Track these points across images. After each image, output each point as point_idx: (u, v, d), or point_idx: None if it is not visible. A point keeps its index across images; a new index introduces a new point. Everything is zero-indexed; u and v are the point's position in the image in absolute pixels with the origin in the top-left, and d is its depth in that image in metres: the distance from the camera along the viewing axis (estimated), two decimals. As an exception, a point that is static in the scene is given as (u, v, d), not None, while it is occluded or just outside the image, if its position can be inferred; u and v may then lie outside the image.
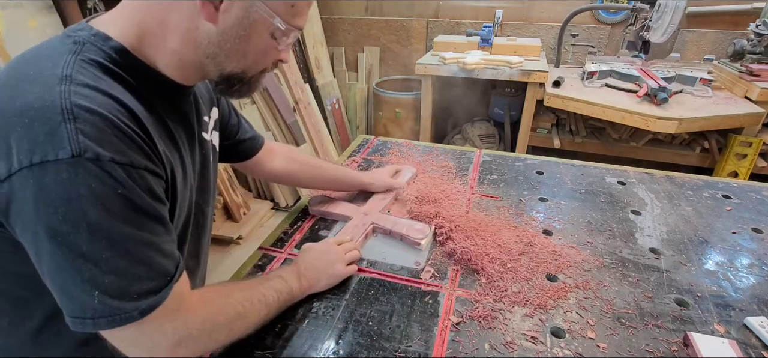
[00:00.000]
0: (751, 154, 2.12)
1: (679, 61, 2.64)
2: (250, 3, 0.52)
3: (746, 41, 2.24)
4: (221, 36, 0.54)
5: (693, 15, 2.61)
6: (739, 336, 0.72)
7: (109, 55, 0.52)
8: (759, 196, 1.16)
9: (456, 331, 0.72)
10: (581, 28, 2.86)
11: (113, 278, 0.47)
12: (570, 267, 0.87)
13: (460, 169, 1.30)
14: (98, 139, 0.45)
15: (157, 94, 0.57)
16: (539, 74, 2.34)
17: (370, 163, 1.35)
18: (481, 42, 2.72)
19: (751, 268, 0.88)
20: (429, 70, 2.58)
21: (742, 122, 2.02)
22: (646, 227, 1.01)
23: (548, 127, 2.58)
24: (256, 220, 2.72)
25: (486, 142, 2.90)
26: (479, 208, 1.09)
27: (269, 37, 0.57)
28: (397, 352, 0.68)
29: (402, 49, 3.36)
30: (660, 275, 0.86)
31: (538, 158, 1.38)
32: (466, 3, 3.08)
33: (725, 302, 0.79)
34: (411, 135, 3.04)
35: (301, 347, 0.70)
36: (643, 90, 2.06)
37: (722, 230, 1.01)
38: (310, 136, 2.85)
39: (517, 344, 0.70)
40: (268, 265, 0.90)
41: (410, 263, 0.89)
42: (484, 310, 0.76)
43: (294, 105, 2.76)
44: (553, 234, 0.98)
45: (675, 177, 1.26)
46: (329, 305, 0.78)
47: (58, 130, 0.43)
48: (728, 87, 2.27)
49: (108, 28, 0.53)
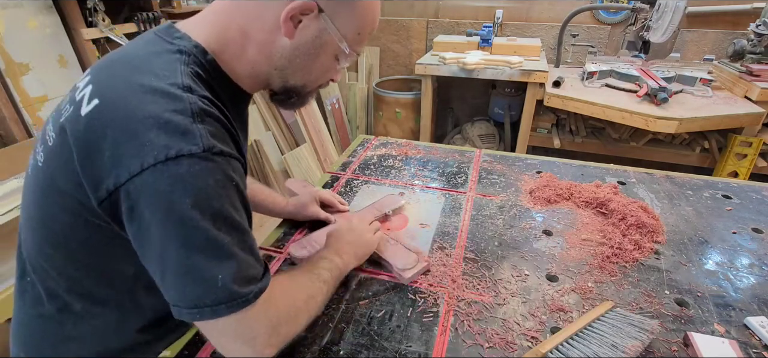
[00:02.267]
0: (751, 154, 2.12)
1: (679, 61, 2.64)
2: (324, 25, 0.58)
3: (746, 41, 2.24)
4: (293, 51, 0.59)
5: (693, 15, 2.61)
6: (739, 336, 0.71)
7: (206, 67, 0.57)
8: (759, 196, 1.16)
9: (456, 331, 0.72)
10: (581, 28, 2.86)
11: (234, 264, 0.50)
12: (570, 267, 0.87)
13: (460, 170, 1.30)
14: (220, 138, 0.51)
15: (231, 101, 0.61)
16: (539, 74, 2.34)
17: (371, 161, 1.35)
18: (481, 42, 2.72)
19: (751, 268, 0.88)
20: (429, 70, 2.58)
21: (742, 122, 2.02)
22: (646, 227, 1.01)
23: (548, 127, 2.58)
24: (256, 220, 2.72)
25: (486, 142, 2.90)
26: (480, 207, 1.09)
27: (334, 57, 0.62)
28: (397, 352, 0.68)
29: (402, 49, 3.36)
30: (660, 275, 0.86)
31: (538, 158, 1.38)
32: (466, 3, 3.08)
33: (725, 302, 0.79)
34: (411, 135, 3.04)
35: (301, 347, 0.70)
36: (643, 90, 2.06)
37: (722, 230, 1.01)
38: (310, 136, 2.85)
39: (517, 344, 0.70)
40: (269, 265, 0.90)
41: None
42: (484, 310, 0.76)
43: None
44: (553, 234, 0.98)
45: (675, 177, 1.26)
46: (329, 305, 0.78)
47: (191, 129, 0.48)
48: (728, 87, 2.27)
49: (198, 36, 0.57)
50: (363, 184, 1.23)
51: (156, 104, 0.49)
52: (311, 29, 0.57)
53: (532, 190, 1.15)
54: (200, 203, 0.48)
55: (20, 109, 1.85)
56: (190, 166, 0.47)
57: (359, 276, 0.86)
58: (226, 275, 0.49)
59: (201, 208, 0.48)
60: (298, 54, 0.59)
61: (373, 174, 1.28)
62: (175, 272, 0.49)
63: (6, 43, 1.79)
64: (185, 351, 0.70)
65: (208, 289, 0.49)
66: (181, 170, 0.47)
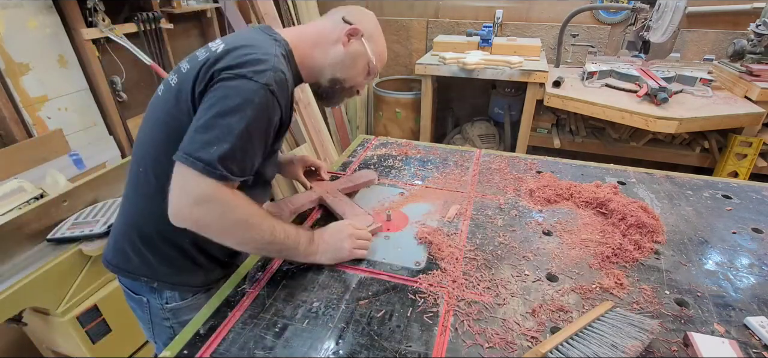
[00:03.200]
0: (751, 154, 2.12)
1: (679, 61, 2.64)
2: (364, 48, 0.92)
3: (746, 41, 2.24)
4: (344, 55, 0.91)
5: (693, 15, 2.61)
6: (739, 336, 0.71)
7: (288, 54, 0.88)
8: (759, 196, 1.16)
9: (456, 331, 0.72)
10: (581, 28, 2.86)
11: (228, 148, 0.71)
12: (570, 267, 0.87)
13: (460, 170, 1.30)
14: (277, 85, 0.77)
15: (294, 80, 0.89)
16: (539, 74, 2.34)
17: (371, 161, 1.35)
18: (481, 42, 2.72)
19: (751, 268, 0.88)
20: (429, 70, 2.58)
21: (742, 122, 2.02)
22: (646, 227, 1.01)
23: (548, 127, 2.58)
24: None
25: (486, 142, 2.90)
26: (480, 207, 1.09)
27: (365, 69, 0.95)
28: (397, 352, 0.68)
29: (402, 49, 3.36)
30: (660, 275, 0.86)
31: (538, 158, 1.38)
32: (466, 3, 3.08)
33: (725, 301, 0.79)
34: (411, 135, 3.04)
35: (301, 347, 0.70)
36: (643, 90, 2.06)
37: (722, 230, 1.01)
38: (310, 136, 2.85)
39: (517, 344, 0.70)
40: (269, 264, 0.90)
41: (410, 263, 0.89)
42: (484, 310, 0.76)
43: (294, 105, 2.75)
44: (553, 234, 0.98)
45: (675, 177, 1.26)
46: (329, 305, 0.78)
47: (266, 70, 0.75)
48: (728, 87, 2.27)
49: (286, 36, 0.89)
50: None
51: (255, 47, 0.78)
52: (355, 46, 0.92)
53: (532, 190, 1.15)
54: (241, 107, 0.72)
55: (20, 109, 1.85)
56: (250, 84, 0.73)
57: (359, 276, 0.86)
58: (218, 149, 0.70)
59: (239, 110, 0.72)
60: (347, 58, 0.91)
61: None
62: (189, 134, 0.72)
63: (6, 43, 1.79)
64: (185, 351, 0.70)
65: (201, 149, 0.70)
66: (245, 85, 0.73)
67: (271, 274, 0.87)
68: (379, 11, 3.29)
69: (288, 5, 2.88)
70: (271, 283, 0.85)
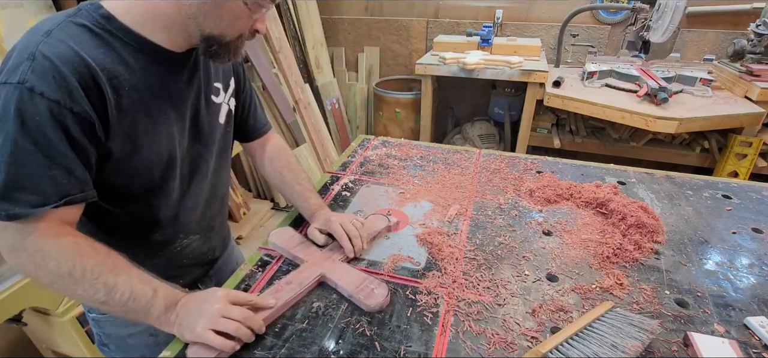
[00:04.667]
0: (751, 154, 2.12)
1: (679, 61, 2.64)
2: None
3: (746, 41, 2.24)
4: (200, 3, 0.63)
5: (693, 15, 2.61)
6: (739, 336, 0.71)
7: (96, 20, 0.64)
8: (759, 196, 1.16)
9: (456, 331, 0.72)
10: (581, 28, 2.86)
11: (2, 179, 0.58)
12: (570, 267, 0.87)
13: (460, 170, 1.30)
14: (40, 78, 0.57)
15: (139, 52, 0.67)
16: (539, 74, 2.34)
17: (371, 161, 1.35)
18: (481, 42, 2.72)
19: (751, 268, 0.88)
20: (429, 70, 2.58)
21: (742, 122, 2.02)
22: (646, 227, 1.01)
23: (548, 127, 2.58)
24: (256, 220, 2.72)
25: (486, 142, 2.90)
26: (480, 207, 1.09)
27: (242, 4, 0.65)
28: (397, 352, 0.68)
29: (402, 49, 3.36)
30: (660, 275, 0.86)
31: (538, 158, 1.38)
32: (466, 3, 3.08)
33: (725, 302, 0.79)
34: (411, 135, 3.04)
35: (301, 347, 0.70)
36: (643, 90, 2.07)
37: (722, 230, 1.01)
38: (310, 136, 2.85)
39: (517, 344, 0.70)
40: (269, 265, 0.90)
41: (410, 263, 0.89)
42: (484, 310, 0.76)
43: (294, 105, 2.75)
44: (553, 234, 0.98)
45: (675, 177, 1.26)
46: (329, 305, 0.78)
47: (19, 65, 0.58)
48: (728, 87, 2.27)
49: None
50: (363, 184, 1.23)
51: (15, 50, 0.60)
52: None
53: (532, 190, 1.15)
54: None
55: (20, 109, 1.85)
56: (4, 91, 0.57)
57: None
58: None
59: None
60: (205, 5, 0.63)
61: (373, 174, 1.28)
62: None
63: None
64: (185, 351, 0.70)
65: None
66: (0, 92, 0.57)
67: (271, 274, 0.87)
68: (379, 11, 3.29)
69: (288, 5, 2.88)
70: (272, 283, 0.85)
